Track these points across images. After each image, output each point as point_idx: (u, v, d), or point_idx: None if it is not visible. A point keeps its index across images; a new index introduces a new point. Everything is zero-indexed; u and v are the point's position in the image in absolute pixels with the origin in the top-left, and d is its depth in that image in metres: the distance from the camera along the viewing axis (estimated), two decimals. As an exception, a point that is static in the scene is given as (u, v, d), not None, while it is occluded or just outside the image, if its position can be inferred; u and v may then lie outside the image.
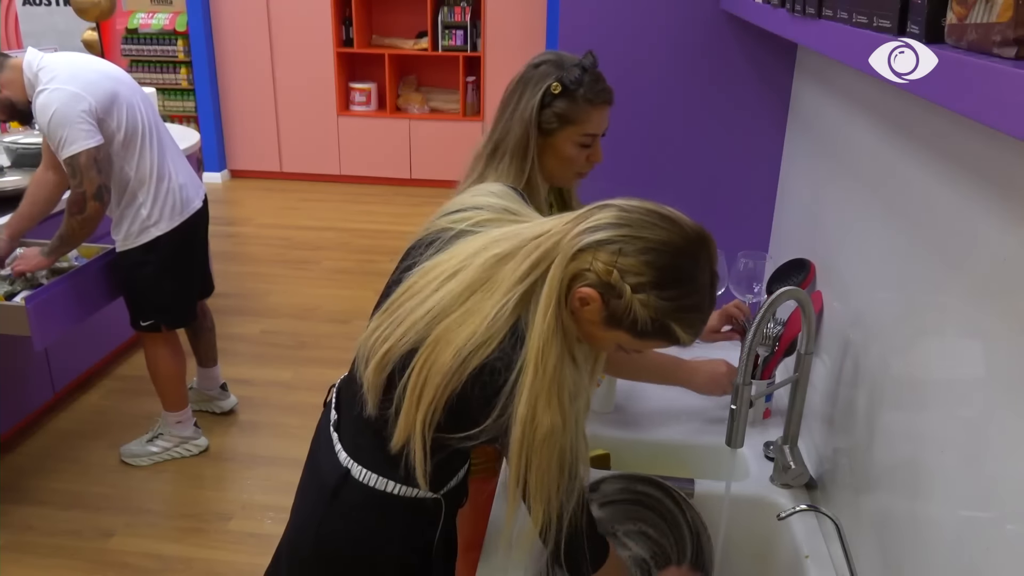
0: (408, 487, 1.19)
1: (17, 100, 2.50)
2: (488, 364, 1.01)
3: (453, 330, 1.03)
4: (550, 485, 1.03)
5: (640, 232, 0.97)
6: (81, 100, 2.40)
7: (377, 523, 1.22)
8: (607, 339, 1.04)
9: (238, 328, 4.04)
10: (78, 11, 4.32)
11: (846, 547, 1.19)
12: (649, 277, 0.97)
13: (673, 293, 0.98)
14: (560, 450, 1.02)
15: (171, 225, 2.68)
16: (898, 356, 1.12)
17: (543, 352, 1.00)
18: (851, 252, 1.35)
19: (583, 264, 0.98)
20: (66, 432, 3.20)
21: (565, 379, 1.01)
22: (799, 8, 1.08)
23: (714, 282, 1.03)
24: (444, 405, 1.05)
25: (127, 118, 2.54)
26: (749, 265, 1.80)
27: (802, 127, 1.76)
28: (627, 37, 1.87)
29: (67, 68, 2.46)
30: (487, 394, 1.02)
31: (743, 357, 1.19)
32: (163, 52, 6.45)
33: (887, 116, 1.21)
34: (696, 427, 1.62)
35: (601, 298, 0.98)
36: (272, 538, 2.59)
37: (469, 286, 1.05)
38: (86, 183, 2.42)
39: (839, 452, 1.35)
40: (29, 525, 2.67)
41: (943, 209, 0.98)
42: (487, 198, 1.18)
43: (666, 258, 0.97)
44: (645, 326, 0.99)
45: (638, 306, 0.97)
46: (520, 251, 1.03)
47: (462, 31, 6.20)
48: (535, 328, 1.01)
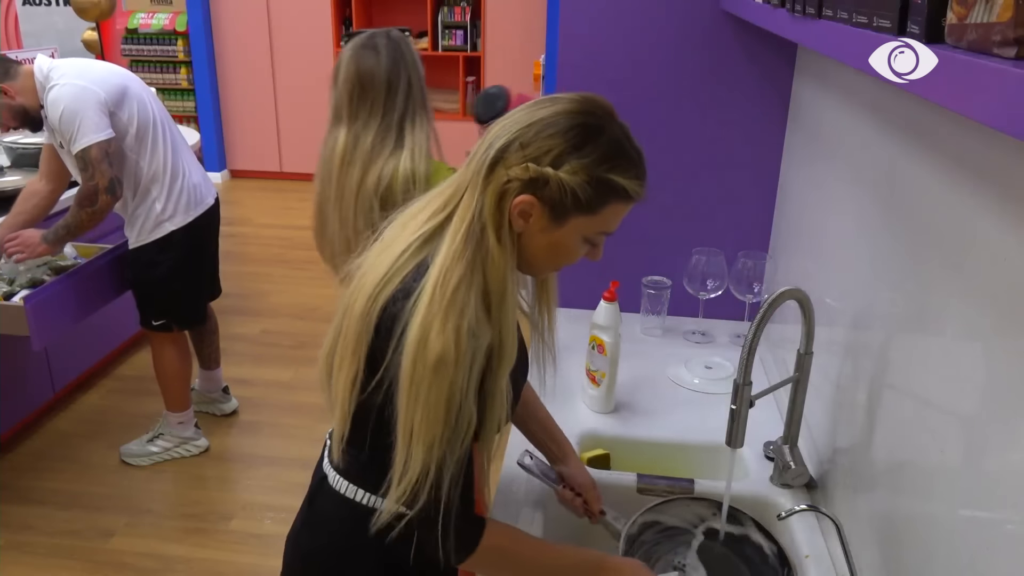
0: (379, 498, 1.11)
1: (30, 107, 2.52)
2: (391, 297, 0.99)
3: (366, 282, 1.02)
4: (435, 426, 0.95)
5: (529, 121, 0.98)
6: (92, 93, 2.42)
7: (347, 534, 1.16)
8: (568, 239, 1.02)
9: (238, 328, 4.05)
10: (78, 11, 4.32)
11: (846, 547, 1.19)
12: (559, 147, 0.96)
13: (589, 148, 0.97)
14: (450, 386, 0.94)
15: (185, 220, 2.68)
16: (898, 356, 1.12)
17: (445, 275, 0.96)
18: (851, 252, 1.35)
19: (500, 180, 0.97)
20: (66, 432, 3.20)
21: (467, 307, 0.96)
22: (799, 8, 1.08)
23: (625, 128, 1.01)
24: (364, 357, 1.01)
25: (139, 112, 2.56)
26: (749, 265, 1.81)
27: (802, 127, 1.76)
28: (627, 37, 1.87)
29: (77, 66, 2.49)
30: (387, 327, 0.98)
31: (743, 357, 1.19)
32: (163, 52, 6.45)
33: (887, 116, 1.21)
34: (696, 427, 1.62)
35: (535, 197, 0.97)
36: (272, 538, 2.60)
37: (383, 246, 1.05)
38: (98, 176, 2.43)
39: (839, 452, 1.35)
40: (29, 525, 2.67)
41: (943, 209, 0.99)
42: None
43: (564, 124, 0.97)
44: (587, 192, 0.97)
45: (567, 177, 0.96)
46: (426, 205, 1.04)
47: (462, 31, 6.20)
48: (441, 253, 0.98)
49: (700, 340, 1.96)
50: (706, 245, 1.87)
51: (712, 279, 1.84)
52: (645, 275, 1.95)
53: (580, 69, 1.91)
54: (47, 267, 2.72)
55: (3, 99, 2.48)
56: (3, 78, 2.47)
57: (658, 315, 1.96)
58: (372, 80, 1.85)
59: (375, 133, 1.86)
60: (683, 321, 2.01)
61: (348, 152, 1.86)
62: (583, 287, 1.77)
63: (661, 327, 1.98)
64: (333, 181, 1.89)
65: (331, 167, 1.89)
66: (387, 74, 1.86)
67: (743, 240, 1.95)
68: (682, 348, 1.92)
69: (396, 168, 1.85)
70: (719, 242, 1.89)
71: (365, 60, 1.86)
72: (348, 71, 1.86)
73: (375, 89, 1.85)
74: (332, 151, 1.88)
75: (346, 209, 1.88)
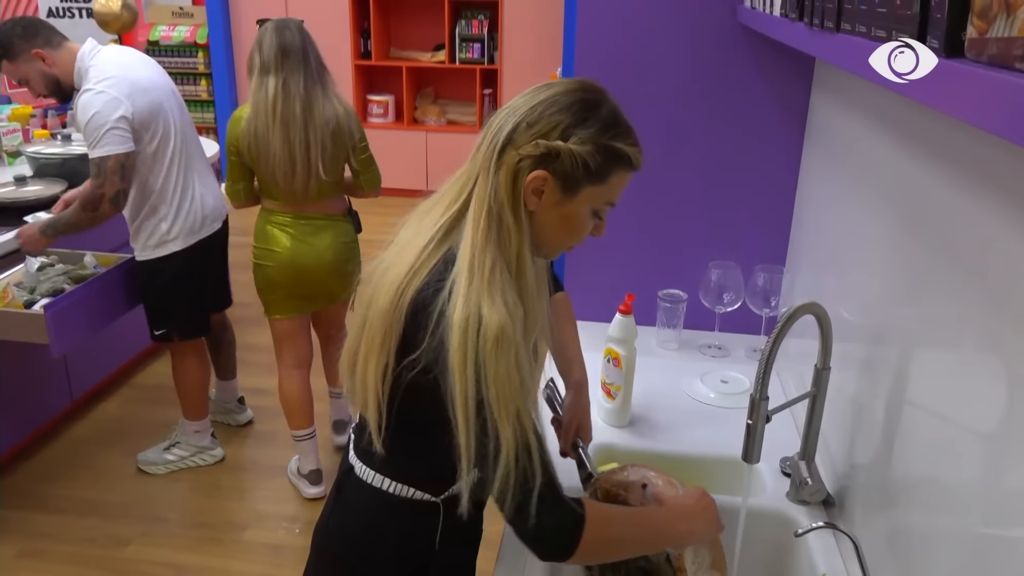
0: (405, 486, 1.19)
1: (64, 80, 2.56)
2: (422, 286, 1.03)
3: (389, 277, 1.06)
4: (516, 397, 0.97)
5: (531, 102, 1.04)
6: (121, 106, 2.45)
7: (374, 522, 1.22)
8: (579, 211, 1.07)
9: (254, 338, 4.06)
10: (101, 23, 4.37)
11: (864, 566, 1.18)
12: (566, 121, 1.03)
13: (591, 121, 1.04)
14: (516, 355, 0.98)
15: (187, 243, 2.70)
16: (917, 371, 1.11)
17: (477, 258, 1.01)
18: (869, 266, 1.34)
19: (512, 161, 1.03)
20: (83, 440, 3.22)
21: (506, 284, 1.01)
22: (817, 22, 1.08)
23: (618, 104, 1.09)
24: (394, 348, 1.05)
25: (162, 132, 2.58)
26: (766, 279, 1.80)
27: (820, 141, 1.75)
28: (643, 50, 1.87)
29: (117, 70, 2.50)
30: (420, 316, 1.02)
31: (760, 372, 1.19)
32: (183, 64, 6.52)
33: (906, 130, 1.20)
34: (712, 441, 1.61)
35: (548, 170, 1.03)
36: (286, 548, 2.61)
37: (402, 242, 1.09)
38: (108, 186, 2.46)
39: (857, 468, 1.34)
40: (46, 532, 2.68)
41: (963, 222, 0.98)
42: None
43: (565, 101, 1.04)
44: (595, 160, 1.03)
45: (576, 147, 1.02)
46: (440, 199, 1.10)
47: (479, 44, 6.23)
48: (466, 239, 1.03)
49: (716, 354, 1.95)
50: (722, 259, 1.86)
51: (728, 293, 1.84)
52: (661, 288, 1.95)
53: (596, 82, 1.91)
54: (67, 276, 2.74)
55: (39, 65, 2.52)
56: (43, 44, 2.51)
57: (674, 328, 1.95)
58: (292, 47, 2.50)
59: (303, 79, 2.49)
60: (699, 335, 2.00)
61: (281, 91, 2.46)
62: (599, 300, 1.76)
63: (677, 341, 1.97)
64: (272, 114, 2.45)
65: (267, 104, 2.46)
66: (301, 44, 2.52)
67: (760, 254, 1.94)
68: (698, 362, 1.91)
69: (336, 112, 2.54)
70: (735, 256, 1.88)
71: (284, 35, 2.51)
72: (273, 40, 2.49)
73: (294, 53, 2.49)
74: (267, 91, 2.47)
75: (291, 135, 2.46)
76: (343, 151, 2.59)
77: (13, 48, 2.50)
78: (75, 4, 6.29)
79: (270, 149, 2.47)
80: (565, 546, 1.04)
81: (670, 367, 1.87)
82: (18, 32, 2.50)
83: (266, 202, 2.66)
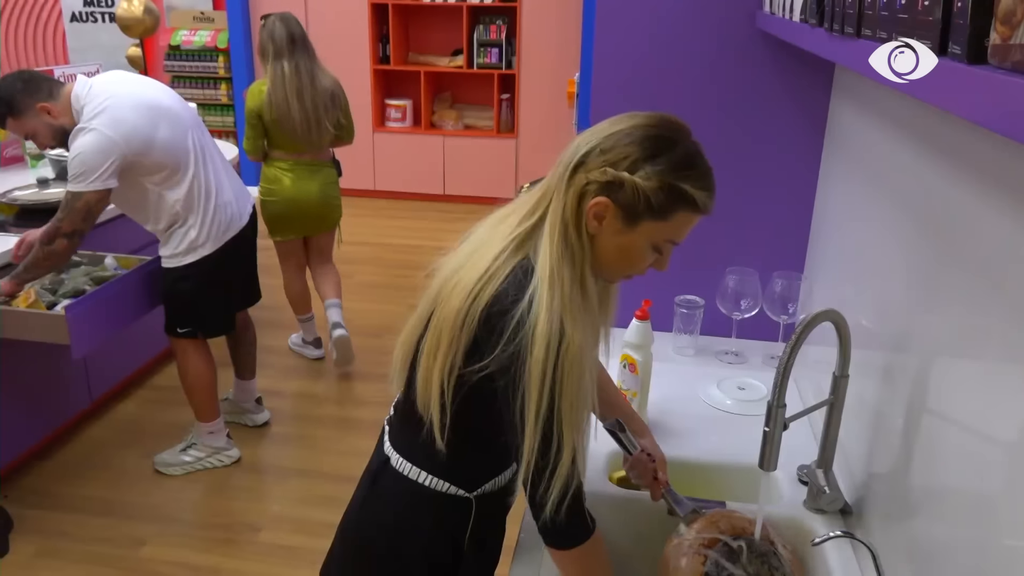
0: (440, 480, 1.22)
1: (68, 128, 2.53)
2: (498, 293, 1.06)
3: (462, 277, 1.10)
4: (581, 411, 1.04)
5: (609, 131, 1.08)
6: (114, 148, 2.42)
7: (407, 513, 1.25)
8: (638, 244, 1.10)
9: (272, 340, 4.08)
10: (123, 28, 4.42)
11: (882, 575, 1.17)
12: (636, 154, 1.05)
13: (663, 158, 1.06)
14: (589, 371, 1.05)
15: (217, 245, 2.73)
16: (937, 379, 1.10)
17: (556, 273, 1.05)
18: (889, 273, 1.33)
19: (580, 183, 1.07)
20: (101, 440, 3.25)
21: (584, 301, 1.07)
22: (838, 27, 1.08)
23: (698, 146, 1.11)
24: (463, 349, 1.09)
25: (169, 155, 2.57)
26: (784, 286, 1.79)
27: (839, 147, 1.74)
28: (661, 55, 1.87)
29: (109, 100, 2.46)
30: (496, 323, 1.05)
31: (777, 379, 1.18)
32: (204, 68, 6.58)
33: (927, 137, 1.19)
34: (728, 448, 1.60)
35: (610, 199, 1.06)
36: (300, 550, 2.61)
37: (474, 246, 1.14)
38: (66, 222, 2.44)
39: (875, 477, 1.33)
40: (63, 531, 2.71)
41: (985, 230, 0.97)
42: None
43: (640, 135, 1.07)
44: (659, 198, 1.05)
45: (641, 182, 1.05)
46: (515, 209, 1.15)
47: (497, 49, 6.24)
48: (544, 253, 1.07)
49: (733, 360, 1.94)
50: (740, 265, 1.85)
51: (746, 299, 1.83)
52: (678, 294, 1.94)
53: (614, 88, 1.92)
54: (89, 278, 2.77)
55: (45, 118, 2.51)
56: (47, 98, 2.50)
57: (691, 334, 1.95)
58: (297, 35, 3.33)
59: (307, 60, 3.36)
60: (716, 341, 1.99)
61: (294, 71, 3.31)
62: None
63: (694, 346, 1.96)
64: (290, 88, 3.30)
65: (285, 81, 3.30)
66: (301, 33, 3.37)
67: (777, 260, 1.93)
68: (715, 368, 1.90)
69: (331, 82, 3.45)
70: (753, 262, 1.88)
71: (290, 24, 3.32)
72: (283, 30, 3.30)
73: (300, 40, 3.34)
74: (284, 72, 3.30)
75: (305, 102, 3.32)
76: (336, 110, 3.49)
77: (17, 104, 2.48)
78: (98, 9, 6.36)
79: (290, 114, 3.32)
80: (574, 537, 1.12)
81: (686, 373, 1.87)
82: (19, 88, 2.48)
83: (273, 152, 3.49)
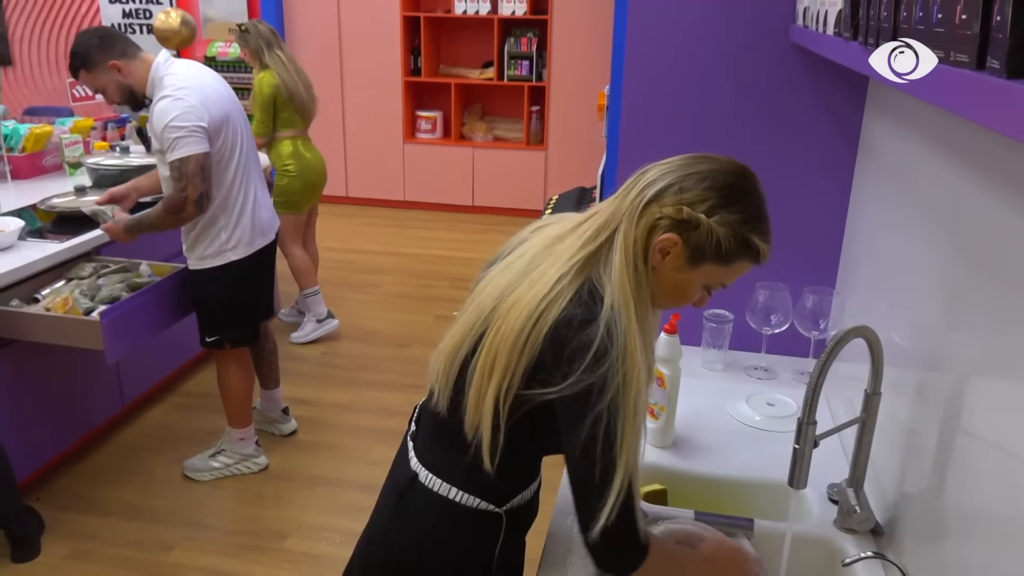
0: (471, 496, 1.21)
1: (137, 89, 2.64)
2: (567, 316, 1.06)
3: (521, 297, 1.09)
4: (640, 431, 1.06)
5: (689, 171, 1.09)
6: (198, 113, 2.52)
7: (437, 529, 1.24)
8: (694, 283, 1.12)
9: (299, 349, 4.12)
10: (160, 39, 4.51)
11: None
12: (715, 200, 1.07)
13: (739, 207, 1.08)
14: (644, 400, 1.06)
15: (246, 253, 2.76)
16: (973, 399, 1.08)
17: (626, 299, 1.06)
18: (923, 290, 1.31)
19: (652, 216, 1.08)
20: (132, 445, 3.29)
21: (645, 329, 1.08)
22: (872, 41, 1.07)
23: (765, 197, 1.12)
24: (522, 370, 1.08)
25: (230, 143, 2.65)
26: (815, 301, 1.77)
27: (873, 162, 1.73)
28: (693, 69, 1.86)
29: (191, 81, 2.58)
30: (567, 346, 1.04)
31: (808, 395, 1.16)
32: (239, 79, 6.66)
33: (963, 151, 1.18)
34: (757, 465, 1.58)
35: (681, 237, 1.07)
36: (326, 559, 2.62)
37: (531, 261, 1.13)
38: (191, 188, 2.52)
39: (908, 498, 1.31)
40: (93, 535, 2.74)
41: (1022, 247, 0.95)
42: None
43: (720, 180, 1.08)
44: (729, 245, 1.07)
45: (716, 227, 1.06)
46: (576, 228, 1.14)
47: (528, 61, 6.26)
48: (615, 279, 1.07)
49: (763, 376, 1.93)
50: (770, 279, 1.83)
51: (776, 314, 1.81)
52: (707, 308, 1.93)
53: (645, 100, 1.91)
54: (125, 284, 2.82)
55: (116, 76, 2.60)
56: (119, 56, 2.60)
57: (720, 349, 1.93)
58: (273, 31, 3.92)
59: (286, 48, 3.97)
60: (745, 356, 1.97)
61: (287, 57, 3.91)
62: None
63: (722, 361, 1.95)
64: (291, 71, 3.90)
65: (285, 66, 3.88)
66: (273, 29, 3.94)
67: (809, 275, 1.91)
68: (744, 384, 1.89)
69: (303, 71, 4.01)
70: (784, 276, 1.86)
71: (262, 26, 3.89)
72: (263, 28, 3.88)
73: (275, 34, 3.92)
74: (282, 59, 3.89)
75: (305, 80, 3.96)
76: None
77: (91, 59, 2.59)
78: (136, 20, 6.48)
79: (299, 91, 3.91)
80: (629, 566, 1.10)
81: (715, 388, 1.85)
82: (95, 43, 2.59)
83: (285, 132, 3.94)
